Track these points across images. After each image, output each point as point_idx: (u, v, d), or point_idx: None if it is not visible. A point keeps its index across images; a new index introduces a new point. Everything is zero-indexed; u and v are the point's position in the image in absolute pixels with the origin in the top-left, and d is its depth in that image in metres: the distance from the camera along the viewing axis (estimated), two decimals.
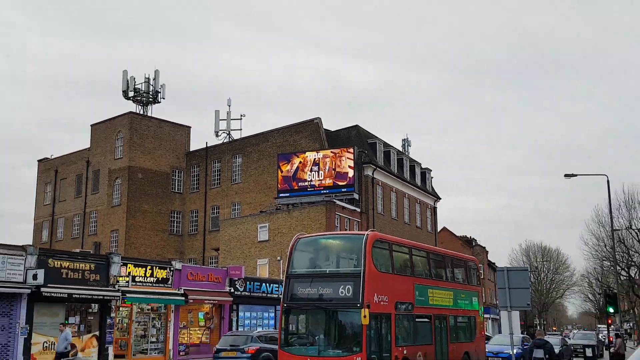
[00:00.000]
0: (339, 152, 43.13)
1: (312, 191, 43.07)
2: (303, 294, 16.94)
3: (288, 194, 43.79)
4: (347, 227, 41.34)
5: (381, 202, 47.50)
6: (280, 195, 44.15)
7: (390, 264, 17.83)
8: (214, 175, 53.01)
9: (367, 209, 44.64)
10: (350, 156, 42.61)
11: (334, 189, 42.68)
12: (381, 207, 47.36)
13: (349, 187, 42.53)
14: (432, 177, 59.52)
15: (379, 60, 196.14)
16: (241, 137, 54.13)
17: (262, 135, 50.78)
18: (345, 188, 42.57)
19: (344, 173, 42.59)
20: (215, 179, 52.81)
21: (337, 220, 40.56)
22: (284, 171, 44.04)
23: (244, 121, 56.97)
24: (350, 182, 42.48)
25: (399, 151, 53.91)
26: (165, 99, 56.65)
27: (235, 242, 44.11)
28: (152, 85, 56.21)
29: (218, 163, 52.94)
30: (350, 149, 43.14)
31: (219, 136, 56.53)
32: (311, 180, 43.19)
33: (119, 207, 51.42)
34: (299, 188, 43.46)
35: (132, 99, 55.73)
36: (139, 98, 55.85)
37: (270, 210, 44.65)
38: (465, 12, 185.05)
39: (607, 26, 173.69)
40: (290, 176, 43.74)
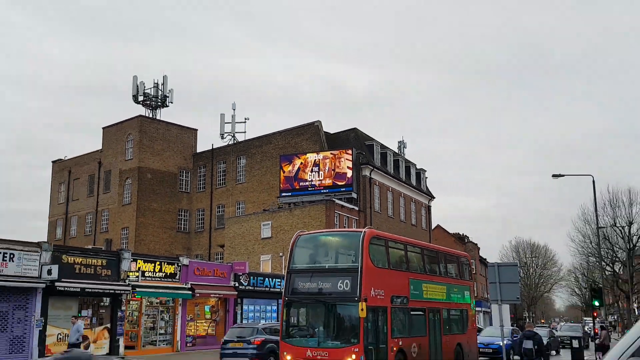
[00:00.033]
0: (338, 153, 43.22)
1: (312, 191, 43.17)
2: (303, 288, 16.94)
3: (290, 194, 43.90)
4: (345, 225, 41.42)
5: (378, 201, 47.57)
6: (283, 195, 44.26)
7: (386, 259, 17.84)
8: (220, 175, 53.11)
9: (365, 208, 44.73)
10: (349, 157, 42.71)
11: (333, 188, 42.78)
12: (378, 206, 47.44)
13: (348, 186, 42.64)
14: (427, 177, 59.58)
15: (379, 61, 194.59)
16: (245, 140, 54.24)
17: (265, 137, 50.89)
18: (344, 188, 42.68)
19: (343, 173, 42.69)
20: (221, 179, 52.91)
21: (336, 218, 40.65)
22: (285, 172, 44.14)
23: (246, 123, 56.90)
24: (348, 182, 42.59)
25: (395, 153, 53.95)
26: (173, 103, 56.88)
27: (239, 239, 44.21)
28: (161, 90, 56.36)
29: (223, 164, 53.04)
30: (349, 150, 43.23)
31: (224, 138, 56.68)
32: (312, 180, 43.29)
33: (129, 206, 51.55)
34: (300, 188, 43.57)
35: (141, 103, 55.89)
36: (148, 102, 55.99)
37: (272, 208, 44.76)
38: (465, 12, 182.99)
39: (607, 26, 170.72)
40: (291, 176, 43.84)
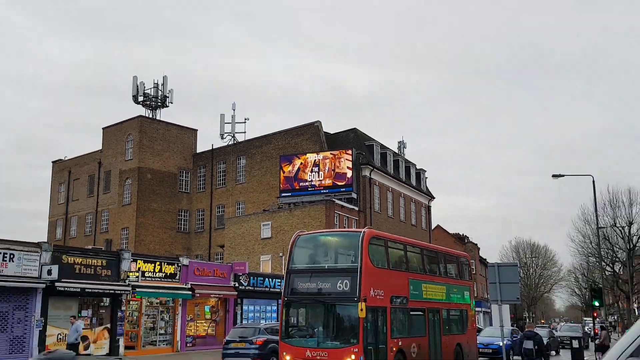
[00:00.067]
0: (338, 153, 43.01)
1: (312, 191, 42.96)
2: (303, 288, 16.79)
3: (290, 194, 43.68)
4: (345, 225, 41.20)
5: (378, 201, 47.35)
6: (282, 195, 44.05)
7: (385, 259, 17.67)
8: (220, 175, 52.89)
9: (365, 208, 44.50)
10: (348, 158, 42.50)
11: (333, 188, 42.57)
12: (378, 206, 47.21)
13: (348, 187, 42.43)
14: (427, 177, 59.35)
15: (379, 61, 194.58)
16: (245, 140, 54.02)
17: (265, 137, 50.68)
18: (344, 188, 42.47)
19: (342, 174, 42.48)
20: (221, 179, 52.70)
21: (336, 219, 40.42)
22: (285, 172, 43.93)
23: (246, 123, 56.68)
24: (348, 183, 42.37)
25: (395, 153, 53.73)
26: (173, 103, 56.67)
27: (239, 239, 44.00)
28: (161, 91, 56.15)
29: (223, 164, 52.83)
30: (348, 150, 43.02)
31: (224, 139, 56.44)
32: (312, 181, 43.07)
33: (129, 206, 51.32)
34: (300, 188, 43.35)
35: (141, 103, 55.68)
36: (148, 102, 55.78)
37: (272, 209, 44.55)
38: (465, 12, 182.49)
39: (607, 26, 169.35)
40: (291, 176, 43.63)
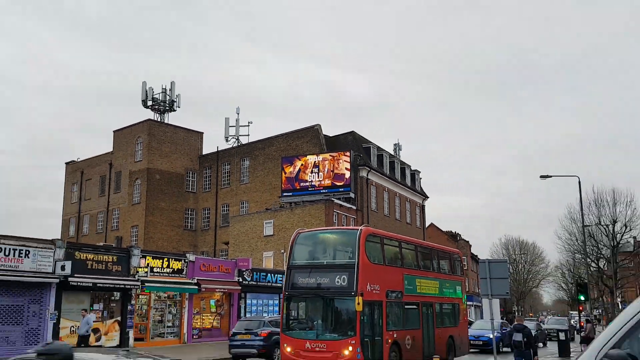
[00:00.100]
0: (337, 155, 43.22)
1: (312, 191, 43.18)
2: (303, 283, 16.89)
3: (291, 193, 43.90)
4: (344, 223, 41.40)
5: (375, 201, 47.58)
6: (284, 195, 44.27)
7: (381, 256, 17.82)
8: (224, 176, 53.11)
9: (362, 207, 44.73)
10: (347, 159, 42.72)
11: (332, 188, 42.79)
12: (375, 205, 47.45)
13: (346, 187, 42.65)
14: (421, 178, 59.57)
15: (376, 72, 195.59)
16: (249, 142, 54.24)
17: (268, 140, 50.88)
18: (342, 188, 42.68)
19: (341, 174, 42.70)
20: (225, 180, 52.91)
21: (335, 217, 40.66)
22: (287, 173, 44.15)
23: (250, 126, 56.89)
24: (347, 183, 42.59)
25: (391, 155, 53.94)
26: (180, 107, 56.92)
27: (243, 236, 44.22)
28: (169, 96, 56.34)
29: (228, 165, 53.04)
30: (347, 152, 43.24)
31: (229, 141, 56.70)
32: (312, 181, 43.29)
33: (139, 205, 51.56)
34: (300, 188, 43.57)
35: (150, 107, 55.87)
36: (156, 107, 55.98)
37: (274, 208, 44.77)
38: (457, 26, 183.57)
39: (607, 27, 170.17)
40: (293, 177, 43.85)
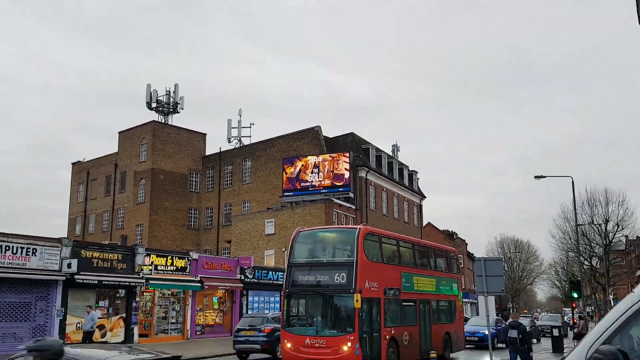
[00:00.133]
0: (337, 156, 43.15)
1: (312, 191, 43.10)
2: (303, 280, 16.85)
3: (292, 193, 43.82)
4: (343, 222, 41.34)
5: (373, 201, 47.50)
6: (285, 194, 44.19)
7: (379, 254, 17.77)
8: (227, 176, 53.04)
9: (361, 207, 44.64)
10: (346, 160, 42.65)
11: (332, 188, 42.71)
12: (373, 205, 47.36)
13: (345, 187, 42.57)
14: (419, 178, 59.49)
15: (376, 72, 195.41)
16: (250, 143, 54.16)
17: (269, 141, 50.81)
18: (342, 188, 42.61)
19: (341, 175, 42.62)
20: (228, 180, 52.84)
21: (334, 216, 40.58)
22: (288, 173, 44.07)
23: (251, 127, 56.82)
24: (346, 183, 42.52)
25: (389, 155, 53.86)
26: (183, 109, 56.84)
27: (245, 235, 44.14)
28: (172, 97, 56.24)
29: (230, 166, 52.96)
30: (346, 153, 43.16)
31: (231, 142, 56.61)
32: (312, 181, 43.21)
33: (143, 205, 51.48)
34: (301, 188, 43.49)
35: (154, 109, 55.77)
36: (160, 108, 55.90)
37: (276, 207, 44.69)
38: (455, 28, 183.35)
39: (607, 27, 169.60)
40: (293, 177, 43.77)
